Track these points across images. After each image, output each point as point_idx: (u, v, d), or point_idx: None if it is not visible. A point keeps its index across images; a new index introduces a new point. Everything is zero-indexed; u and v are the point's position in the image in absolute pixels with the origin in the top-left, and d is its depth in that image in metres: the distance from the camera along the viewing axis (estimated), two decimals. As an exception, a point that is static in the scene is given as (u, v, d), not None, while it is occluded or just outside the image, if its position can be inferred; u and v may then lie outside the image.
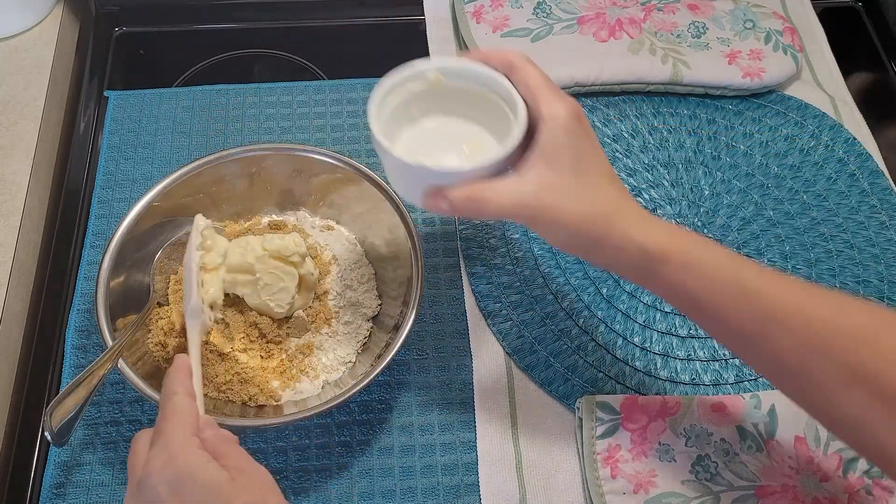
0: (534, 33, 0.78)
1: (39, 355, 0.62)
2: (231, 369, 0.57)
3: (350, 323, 0.61)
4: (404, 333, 0.55)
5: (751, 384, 0.62)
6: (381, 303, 0.62)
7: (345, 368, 0.60)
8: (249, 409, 0.56)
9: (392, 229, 0.61)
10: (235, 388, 0.56)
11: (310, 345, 0.60)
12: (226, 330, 0.58)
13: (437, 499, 0.57)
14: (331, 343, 0.60)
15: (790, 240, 0.69)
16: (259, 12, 0.83)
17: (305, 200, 0.66)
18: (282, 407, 0.57)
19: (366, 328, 0.61)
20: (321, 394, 0.58)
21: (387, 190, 0.61)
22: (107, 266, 0.56)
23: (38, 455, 0.58)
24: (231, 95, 0.75)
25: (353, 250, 0.65)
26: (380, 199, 0.61)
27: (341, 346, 0.60)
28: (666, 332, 0.64)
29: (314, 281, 0.60)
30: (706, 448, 0.57)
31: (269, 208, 0.66)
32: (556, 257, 0.67)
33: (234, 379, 0.57)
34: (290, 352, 0.59)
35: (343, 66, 0.79)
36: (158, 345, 0.58)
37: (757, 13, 0.80)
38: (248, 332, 0.58)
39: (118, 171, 0.70)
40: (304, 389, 0.58)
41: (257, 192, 0.64)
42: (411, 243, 0.59)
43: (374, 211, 0.62)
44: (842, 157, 0.74)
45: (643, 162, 0.73)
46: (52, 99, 0.72)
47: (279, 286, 0.57)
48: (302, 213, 0.66)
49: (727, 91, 0.77)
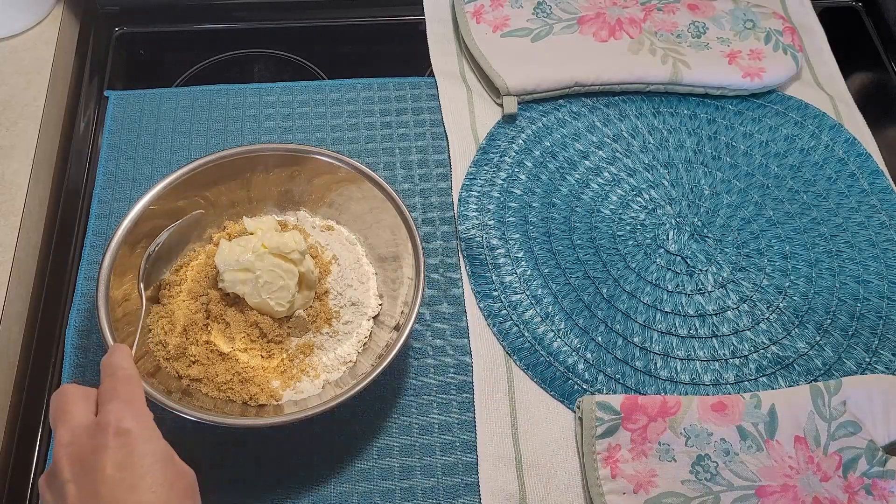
0: (534, 33, 0.78)
1: (39, 355, 0.62)
2: (231, 369, 0.57)
3: (350, 322, 0.61)
4: (405, 333, 0.55)
5: (751, 384, 0.62)
6: (381, 302, 0.62)
7: (345, 368, 0.60)
8: (250, 409, 0.56)
9: (393, 229, 0.61)
10: (236, 388, 0.56)
11: (310, 344, 0.60)
12: (227, 329, 0.58)
13: (437, 499, 0.57)
14: (331, 343, 0.60)
15: (790, 240, 0.69)
16: (259, 12, 0.83)
17: (305, 200, 0.66)
18: (282, 406, 0.57)
19: (367, 328, 0.61)
20: (322, 393, 0.58)
21: (387, 190, 0.61)
22: (107, 265, 0.56)
23: (38, 455, 0.58)
24: (231, 95, 0.75)
25: (353, 250, 0.65)
26: (381, 199, 0.61)
27: (342, 346, 0.60)
28: (666, 332, 0.64)
29: (314, 279, 0.60)
30: (706, 448, 0.57)
31: (269, 209, 0.66)
32: (556, 257, 0.67)
33: (235, 378, 0.57)
34: (291, 351, 0.59)
35: (343, 66, 0.79)
36: (159, 344, 0.58)
37: (757, 13, 0.80)
38: (248, 332, 0.58)
39: (118, 171, 0.70)
40: (305, 389, 0.58)
41: (257, 192, 0.64)
42: (412, 243, 0.59)
43: (375, 211, 0.62)
44: (842, 157, 0.74)
45: (643, 162, 0.73)
46: (52, 99, 0.72)
47: (279, 284, 0.57)
48: (302, 214, 0.66)
49: (727, 91, 0.77)
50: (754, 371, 0.63)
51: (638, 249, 0.68)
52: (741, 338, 0.64)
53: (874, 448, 0.57)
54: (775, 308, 0.66)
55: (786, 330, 0.65)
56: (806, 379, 0.62)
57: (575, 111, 0.76)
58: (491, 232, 0.68)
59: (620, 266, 0.67)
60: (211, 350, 0.57)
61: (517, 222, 0.69)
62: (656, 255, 0.68)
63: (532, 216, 0.69)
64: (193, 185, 0.61)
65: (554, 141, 0.74)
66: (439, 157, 0.73)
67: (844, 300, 0.66)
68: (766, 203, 0.71)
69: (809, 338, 0.64)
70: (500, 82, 0.74)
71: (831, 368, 0.63)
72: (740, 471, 0.56)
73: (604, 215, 0.70)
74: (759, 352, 0.63)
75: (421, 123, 0.75)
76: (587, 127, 0.75)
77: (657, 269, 0.67)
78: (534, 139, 0.74)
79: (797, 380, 0.62)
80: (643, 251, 0.68)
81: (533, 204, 0.70)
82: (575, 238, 0.68)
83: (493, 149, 0.73)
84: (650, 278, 0.66)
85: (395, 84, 0.77)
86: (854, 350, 0.64)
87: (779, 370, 0.63)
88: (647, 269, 0.67)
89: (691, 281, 0.67)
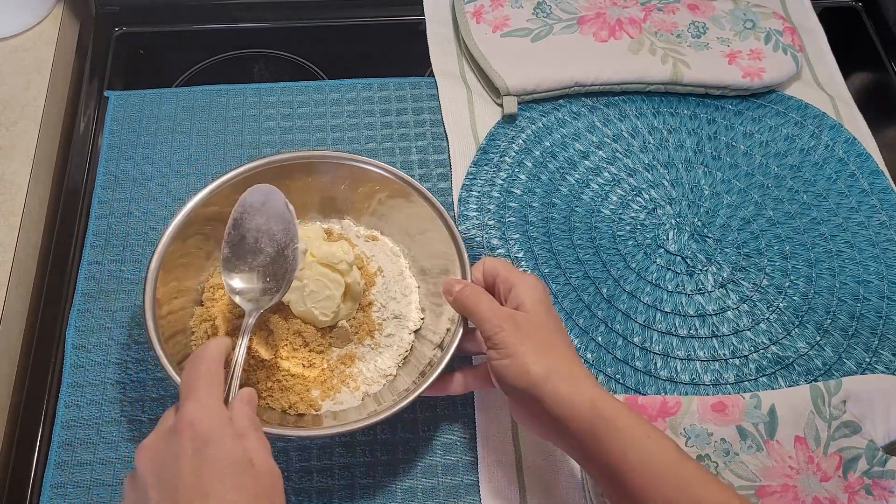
0: (534, 33, 0.78)
1: (39, 355, 0.62)
2: (272, 376, 0.56)
3: (392, 335, 0.60)
4: (450, 352, 0.54)
5: (751, 384, 0.62)
6: (423, 316, 0.62)
7: (385, 381, 0.59)
8: (289, 418, 0.56)
9: (441, 245, 0.60)
10: (276, 396, 0.56)
11: (351, 355, 0.59)
12: (269, 337, 0.57)
13: (437, 499, 0.57)
14: (372, 355, 0.59)
15: (790, 240, 0.69)
16: (259, 12, 0.83)
17: (350, 209, 0.65)
18: (321, 417, 0.56)
19: (408, 341, 0.60)
20: (360, 406, 0.57)
21: (436, 205, 0.60)
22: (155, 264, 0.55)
23: (38, 455, 0.58)
24: (231, 95, 0.75)
25: (396, 262, 0.64)
26: (429, 213, 0.60)
27: (383, 359, 0.59)
28: (666, 332, 0.64)
29: (360, 291, 0.59)
30: (706, 448, 0.57)
31: (312, 214, 0.65)
32: (556, 257, 0.67)
33: (275, 386, 0.56)
34: (332, 362, 0.58)
35: (343, 66, 0.79)
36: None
37: (757, 13, 0.80)
38: (291, 340, 0.58)
39: (118, 171, 0.70)
40: (345, 400, 0.57)
41: (298, 198, 0.61)
42: (460, 261, 0.58)
43: (421, 224, 0.61)
44: (842, 157, 0.74)
45: (643, 162, 0.73)
46: (52, 99, 0.72)
47: (325, 294, 0.56)
48: (347, 222, 0.65)
49: (727, 91, 0.77)
50: (754, 371, 0.63)
51: (638, 249, 0.68)
52: (741, 338, 0.64)
53: (874, 448, 0.57)
54: (775, 308, 0.66)
55: (786, 330, 0.65)
56: (806, 379, 0.62)
57: (575, 111, 0.76)
58: (491, 232, 0.68)
59: (620, 266, 0.67)
60: (252, 356, 0.57)
61: (517, 222, 0.69)
62: (656, 255, 0.68)
63: (532, 216, 0.69)
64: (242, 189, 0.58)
65: (554, 141, 0.74)
66: (439, 157, 0.73)
67: (844, 300, 0.66)
68: (766, 203, 0.71)
69: (809, 338, 0.64)
70: (500, 82, 0.74)
71: (831, 368, 0.63)
72: (740, 471, 0.56)
73: (604, 215, 0.70)
74: (759, 352, 0.64)
75: (421, 123, 0.75)
76: (587, 127, 0.75)
77: (657, 269, 0.67)
78: (534, 139, 0.74)
79: (797, 380, 0.62)
80: (643, 251, 0.68)
81: (533, 204, 0.70)
82: (575, 238, 0.68)
83: (493, 149, 0.73)
84: (650, 278, 0.66)
85: (395, 84, 0.77)
86: (854, 350, 0.64)
87: (779, 370, 0.63)
88: (647, 269, 0.67)
89: (691, 281, 0.67)
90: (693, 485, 0.44)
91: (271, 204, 0.53)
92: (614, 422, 0.46)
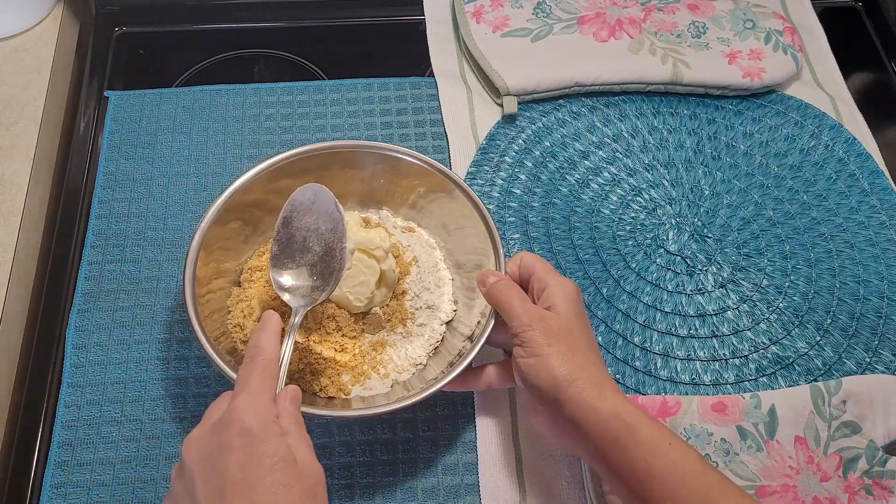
0: (534, 33, 0.78)
1: (39, 355, 0.62)
2: (304, 359, 0.57)
3: (424, 325, 0.60)
4: (479, 344, 0.54)
5: (751, 384, 0.62)
6: (455, 308, 0.62)
7: (415, 370, 0.59)
8: (319, 400, 0.56)
9: (478, 239, 0.60)
10: (307, 378, 0.56)
11: (383, 342, 0.59)
12: (303, 320, 0.57)
13: (437, 498, 0.57)
14: (403, 343, 0.60)
15: (790, 240, 0.69)
16: (259, 12, 0.83)
17: (388, 200, 0.65)
18: (350, 401, 0.56)
19: (439, 332, 0.61)
20: (389, 393, 0.57)
21: (476, 201, 0.60)
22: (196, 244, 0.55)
23: (38, 455, 0.58)
24: (231, 95, 0.75)
25: (431, 254, 0.64)
26: (469, 209, 0.60)
27: (413, 347, 0.60)
28: (666, 332, 0.64)
29: (394, 279, 0.59)
30: (706, 448, 0.57)
31: (351, 204, 0.65)
32: (556, 257, 0.67)
33: (307, 369, 0.57)
34: (364, 347, 0.59)
35: (343, 66, 0.79)
36: (237, 326, 0.58)
37: (757, 13, 0.80)
38: (324, 324, 0.58)
39: (118, 171, 0.70)
40: (374, 387, 0.58)
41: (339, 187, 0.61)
42: (496, 257, 0.58)
43: (459, 219, 0.61)
44: (842, 157, 0.74)
45: (643, 162, 0.73)
46: (52, 99, 0.72)
47: (360, 279, 0.56)
48: (384, 213, 0.66)
49: (727, 91, 0.77)
50: (754, 371, 0.63)
51: (638, 249, 0.68)
52: (741, 338, 0.64)
53: (874, 448, 0.57)
54: (775, 308, 0.66)
55: (786, 330, 0.65)
56: (806, 379, 0.62)
57: (575, 111, 0.76)
58: (491, 232, 0.68)
59: (620, 266, 0.67)
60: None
61: (517, 222, 0.69)
62: (656, 255, 0.68)
63: (532, 216, 0.69)
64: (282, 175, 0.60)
65: (554, 141, 0.74)
66: (439, 157, 0.73)
67: (844, 300, 0.66)
68: (766, 203, 0.71)
69: (809, 338, 0.64)
70: (500, 82, 0.74)
71: (831, 368, 0.63)
72: (740, 471, 0.56)
73: (604, 215, 0.70)
74: (759, 352, 0.63)
75: (421, 123, 0.75)
76: (587, 127, 0.75)
77: (657, 269, 0.67)
78: (534, 139, 0.74)
79: (797, 380, 0.62)
80: (643, 251, 0.68)
81: (533, 204, 0.70)
82: (575, 238, 0.68)
83: (493, 149, 0.73)
84: (650, 278, 0.66)
85: (395, 84, 0.77)
86: (854, 350, 0.64)
87: (779, 370, 0.63)
88: (647, 269, 0.67)
89: (691, 281, 0.67)
90: (716, 495, 0.44)
91: (320, 203, 0.53)
92: (637, 430, 0.46)
